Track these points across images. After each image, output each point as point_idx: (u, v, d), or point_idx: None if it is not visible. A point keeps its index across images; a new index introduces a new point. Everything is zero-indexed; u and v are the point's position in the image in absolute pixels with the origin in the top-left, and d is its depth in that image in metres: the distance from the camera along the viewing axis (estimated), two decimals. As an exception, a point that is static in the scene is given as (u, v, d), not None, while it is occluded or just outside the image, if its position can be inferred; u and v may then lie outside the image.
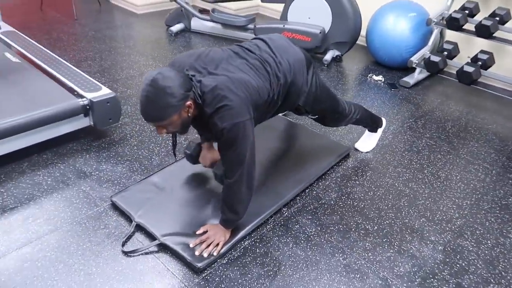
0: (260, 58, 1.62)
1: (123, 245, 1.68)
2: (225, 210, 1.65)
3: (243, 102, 1.48)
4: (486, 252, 1.81)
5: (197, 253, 1.62)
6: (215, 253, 1.63)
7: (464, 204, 2.09)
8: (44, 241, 1.68)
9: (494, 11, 3.11)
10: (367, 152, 2.43)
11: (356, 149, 2.43)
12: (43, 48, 2.77)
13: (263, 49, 1.67)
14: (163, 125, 1.45)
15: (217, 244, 1.66)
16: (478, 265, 1.74)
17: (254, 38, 1.77)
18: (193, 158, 2.01)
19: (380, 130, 2.42)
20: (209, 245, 1.65)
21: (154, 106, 1.38)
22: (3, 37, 2.88)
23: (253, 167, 1.59)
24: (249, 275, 1.61)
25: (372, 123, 2.35)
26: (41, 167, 2.09)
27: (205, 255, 1.62)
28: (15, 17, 4.10)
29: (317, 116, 2.01)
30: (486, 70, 3.14)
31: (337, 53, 3.65)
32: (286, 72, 1.67)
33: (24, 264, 1.57)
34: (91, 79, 2.40)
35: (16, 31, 3.03)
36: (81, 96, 2.22)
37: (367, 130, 2.43)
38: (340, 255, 1.73)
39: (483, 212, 2.05)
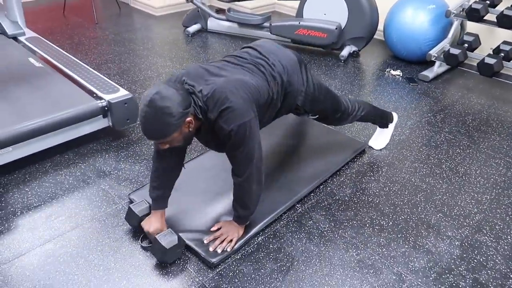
0: (253, 62, 1.65)
1: (141, 240, 1.73)
2: (237, 207, 1.68)
3: (245, 101, 1.49)
4: (506, 247, 1.77)
5: (211, 249, 1.66)
6: (228, 249, 1.66)
7: (484, 199, 2.05)
8: (66, 238, 1.75)
9: (517, 0, 3.02)
10: (380, 149, 2.40)
11: (371, 147, 2.41)
12: (65, 52, 2.86)
13: (254, 55, 1.69)
14: (165, 142, 1.46)
15: (231, 240, 1.69)
16: (497, 260, 1.70)
17: (243, 47, 1.78)
18: (136, 218, 1.73)
19: (391, 126, 2.38)
20: (222, 241, 1.68)
21: (154, 127, 1.39)
22: (27, 43, 3.00)
23: (261, 163, 1.60)
24: (262, 270, 1.63)
25: (381, 119, 2.31)
26: (63, 167, 2.17)
27: (219, 251, 1.65)
28: (39, 23, 4.26)
29: (317, 116, 1.99)
30: (509, 61, 3.05)
31: (354, 48, 3.62)
32: (281, 72, 1.68)
33: (47, 260, 1.65)
34: (109, 81, 2.48)
35: (40, 36, 3.15)
36: (100, 98, 2.29)
37: (378, 127, 2.40)
38: (354, 250, 1.73)
39: (504, 207, 2.00)
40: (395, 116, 2.39)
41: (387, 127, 2.37)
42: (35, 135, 2.07)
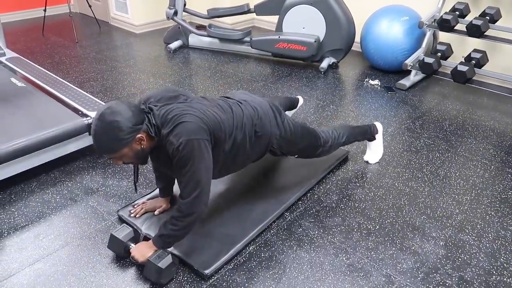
0: (225, 102, 1.74)
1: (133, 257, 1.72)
2: (167, 225, 1.59)
3: (200, 124, 1.52)
4: (488, 245, 1.84)
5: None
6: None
7: (464, 199, 2.13)
8: (56, 256, 1.73)
9: (484, 10, 3.18)
10: (376, 162, 2.41)
11: (367, 162, 2.41)
12: (47, 71, 2.86)
13: (227, 100, 1.78)
14: (116, 157, 1.49)
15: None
16: (480, 258, 1.77)
17: (219, 97, 1.84)
18: (121, 245, 1.67)
19: (378, 136, 2.38)
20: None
21: (102, 140, 1.42)
22: (8, 63, 2.99)
23: (207, 194, 1.56)
24: (255, 279, 1.65)
25: (364, 135, 2.32)
26: (50, 186, 2.16)
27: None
28: (19, 43, 4.23)
29: (297, 156, 2.03)
30: (480, 68, 3.19)
31: (333, 60, 3.72)
32: (252, 115, 1.75)
33: (38, 279, 1.63)
34: (94, 98, 2.48)
35: (21, 56, 3.14)
36: (86, 115, 2.30)
37: (367, 141, 2.42)
38: (344, 255, 1.77)
39: (483, 206, 2.08)
40: (378, 126, 2.39)
41: (375, 139, 2.38)
42: (20, 155, 2.06)
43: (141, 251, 1.61)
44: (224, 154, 1.68)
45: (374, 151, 2.41)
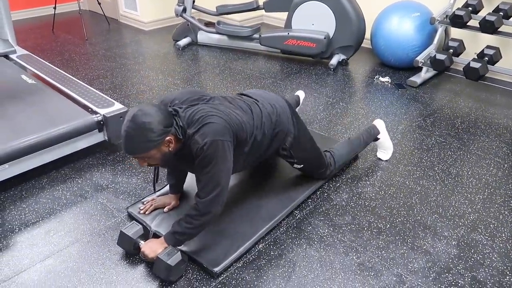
0: (245, 102, 1.76)
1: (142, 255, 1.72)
2: (181, 223, 1.60)
3: (225, 125, 1.56)
4: (501, 245, 1.81)
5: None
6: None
7: (477, 199, 2.09)
8: (66, 253, 1.74)
9: (498, 6, 3.12)
10: (388, 159, 2.39)
11: (380, 159, 2.39)
12: (57, 69, 2.87)
13: (246, 99, 1.80)
14: (144, 158, 1.52)
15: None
16: (493, 258, 1.74)
17: (237, 94, 1.88)
18: (130, 241, 1.67)
19: (382, 135, 2.34)
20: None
21: (134, 141, 1.45)
22: (19, 60, 3.01)
23: (225, 194, 1.58)
24: (265, 277, 1.64)
25: (368, 140, 2.29)
26: (60, 182, 2.17)
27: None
28: (29, 40, 4.26)
29: (302, 166, 2.00)
30: (493, 65, 3.14)
31: (342, 57, 3.69)
32: (271, 113, 1.79)
33: (48, 275, 1.64)
34: (103, 95, 2.49)
35: (31, 54, 3.16)
36: (95, 113, 2.30)
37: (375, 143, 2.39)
38: (354, 254, 1.75)
39: (496, 206, 2.05)
40: (378, 123, 2.35)
41: (379, 138, 2.35)
42: (31, 152, 2.07)
43: (152, 248, 1.61)
44: (244, 154, 1.71)
45: (383, 148, 2.39)
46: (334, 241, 1.82)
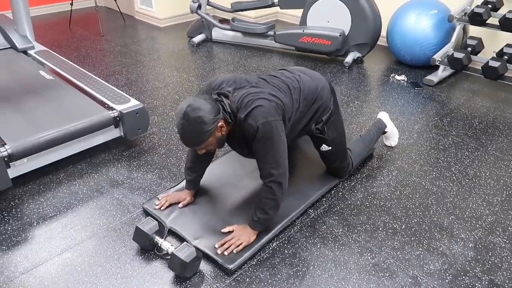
0: (286, 81, 1.80)
1: (157, 249, 1.74)
2: (257, 210, 1.71)
3: (274, 106, 1.62)
4: (520, 248, 1.78)
5: (219, 251, 1.68)
6: (234, 251, 1.68)
7: (495, 200, 2.06)
8: (83, 247, 1.77)
9: (518, 3, 3.05)
10: (395, 145, 2.47)
11: (388, 146, 2.47)
12: (74, 64, 2.91)
13: (286, 75, 1.85)
14: (202, 147, 1.61)
15: (240, 244, 1.70)
16: (511, 261, 1.71)
17: (279, 69, 1.93)
18: (146, 237, 1.69)
19: (388, 128, 2.40)
20: (231, 245, 1.70)
21: (191, 136, 1.54)
22: (37, 56, 3.05)
23: (287, 169, 1.67)
24: (279, 276, 1.64)
25: (378, 136, 2.34)
26: (77, 177, 2.20)
27: (226, 254, 1.67)
28: (47, 36, 4.32)
29: (330, 148, 1.99)
30: (513, 64, 3.07)
31: (358, 54, 3.66)
32: (313, 89, 1.84)
33: (65, 269, 1.66)
34: (120, 91, 2.51)
35: (48, 50, 3.20)
36: (112, 108, 2.32)
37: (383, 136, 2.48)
38: (369, 254, 1.74)
39: (515, 208, 2.01)
40: (383, 116, 2.41)
41: (386, 131, 2.41)
42: (49, 146, 2.10)
43: (248, 236, 1.72)
44: (287, 129, 1.76)
45: (390, 136, 2.45)
46: (348, 241, 1.81)
